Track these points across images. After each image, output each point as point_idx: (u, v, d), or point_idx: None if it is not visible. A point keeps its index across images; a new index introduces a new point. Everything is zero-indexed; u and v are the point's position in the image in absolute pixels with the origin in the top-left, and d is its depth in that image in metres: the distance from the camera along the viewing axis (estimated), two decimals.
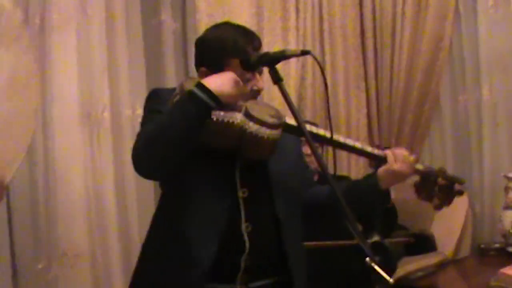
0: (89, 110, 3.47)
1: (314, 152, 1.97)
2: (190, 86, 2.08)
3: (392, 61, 4.95)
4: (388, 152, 2.47)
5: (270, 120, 2.20)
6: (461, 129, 4.87)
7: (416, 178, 2.60)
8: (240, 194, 2.23)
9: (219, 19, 4.02)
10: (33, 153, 3.24)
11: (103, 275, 3.48)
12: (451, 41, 4.85)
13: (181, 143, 2.06)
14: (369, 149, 2.52)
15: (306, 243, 3.20)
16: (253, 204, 2.25)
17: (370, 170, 4.93)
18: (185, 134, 2.06)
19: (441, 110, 4.99)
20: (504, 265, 3.61)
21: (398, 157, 2.44)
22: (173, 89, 2.27)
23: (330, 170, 2.08)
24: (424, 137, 5.05)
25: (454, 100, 4.90)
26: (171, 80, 3.95)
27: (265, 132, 2.16)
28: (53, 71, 3.33)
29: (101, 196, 3.48)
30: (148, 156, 2.08)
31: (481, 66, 4.61)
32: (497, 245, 4.36)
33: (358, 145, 2.49)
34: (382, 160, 2.47)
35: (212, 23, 2.53)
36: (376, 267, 1.74)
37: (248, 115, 2.15)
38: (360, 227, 1.85)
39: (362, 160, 4.92)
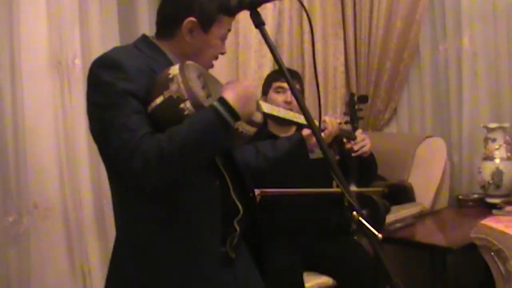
0: (59, 58, 3.34)
1: (297, 98, 1.91)
2: (198, 89, 1.94)
3: (371, 8, 4.88)
4: (327, 124, 2.74)
5: (258, 117, 2.10)
6: (441, 79, 4.81)
7: None
8: (219, 162, 2.16)
9: None
10: (0, 102, 3.11)
11: (75, 227, 3.40)
12: None
13: (203, 162, 2.01)
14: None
15: (287, 190, 3.19)
16: (229, 171, 2.20)
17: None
18: (210, 156, 2.02)
19: (421, 59, 4.92)
20: (482, 216, 3.62)
21: (332, 131, 2.75)
22: (130, 49, 2.12)
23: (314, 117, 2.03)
24: (402, 86, 5.00)
25: (434, 49, 4.83)
26: (144, 25, 3.81)
27: (249, 129, 2.04)
28: (21, 18, 3.18)
29: (72, 146, 3.38)
30: (163, 174, 1.90)
31: (462, 15, 4.54)
32: (475, 196, 4.36)
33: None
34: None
35: None
36: (364, 221, 1.66)
37: None
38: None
39: (340, 108, 4.86)
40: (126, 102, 1.92)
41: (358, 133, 3.27)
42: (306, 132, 2.55)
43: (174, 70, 1.95)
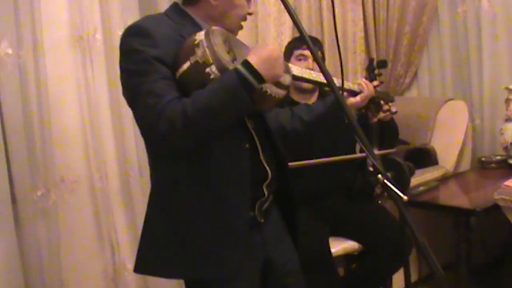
0: (80, 32, 3.35)
1: (320, 65, 1.91)
2: (224, 53, 1.97)
3: None
4: (363, 86, 2.74)
5: (287, 80, 2.13)
6: (460, 41, 4.79)
7: None
8: (250, 125, 2.20)
9: None
10: (24, 78, 3.13)
11: (102, 199, 3.45)
12: None
13: (228, 125, 2.03)
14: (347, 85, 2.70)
15: (307, 161, 3.20)
16: (261, 132, 2.24)
17: None
18: (234, 119, 2.03)
19: (440, 22, 4.90)
20: (505, 177, 3.62)
21: (368, 94, 2.74)
22: (160, 17, 2.18)
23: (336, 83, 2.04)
24: (422, 49, 4.99)
25: (453, 12, 4.80)
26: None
27: (278, 92, 2.07)
28: None
29: (96, 119, 3.41)
30: (189, 137, 1.95)
31: None
32: (498, 158, 4.37)
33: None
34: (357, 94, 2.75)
35: None
36: (389, 184, 1.67)
37: None
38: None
39: (360, 74, 4.85)
40: (154, 68, 1.97)
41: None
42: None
43: (200, 35, 1.98)
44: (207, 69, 1.94)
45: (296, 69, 2.58)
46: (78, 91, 3.36)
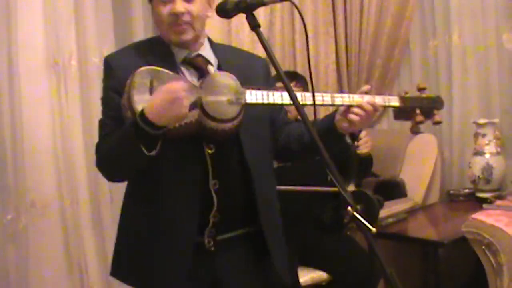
0: (56, 58, 3.38)
1: (293, 100, 1.94)
2: (139, 99, 2.01)
3: (361, 5, 4.88)
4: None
5: (230, 113, 2.09)
6: (431, 75, 4.84)
7: None
8: (207, 151, 2.18)
9: None
10: None
11: (72, 225, 3.45)
12: None
13: (136, 168, 2.15)
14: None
15: (278, 187, 3.21)
16: (221, 159, 2.21)
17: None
18: (138, 164, 2.11)
19: (411, 56, 4.96)
20: (473, 210, 3.66)
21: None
22: (138, 45, 2.31)
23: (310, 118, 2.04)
24: (393, 82, 5.02)
25: (424, 46, 4.86)
26: (139, 25, 3.83)
27: (225, 126, 2.09)
28: (18, 18, 3.22)
29: (69, 145, 3.42)
30: (107, 172, 2.22)
31: (451, 11, 4.57)
32: (466, 191, 4.40)
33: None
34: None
35: None
36: (358, 216, 1.70)
37: (205, 113, 2.06)
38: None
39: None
40: (107, 100, 2.21)
41: (363, 135, 3.32)
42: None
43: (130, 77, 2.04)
44: (127, 113, 2.04)
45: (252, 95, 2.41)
46: (51, 116, 3.38)
